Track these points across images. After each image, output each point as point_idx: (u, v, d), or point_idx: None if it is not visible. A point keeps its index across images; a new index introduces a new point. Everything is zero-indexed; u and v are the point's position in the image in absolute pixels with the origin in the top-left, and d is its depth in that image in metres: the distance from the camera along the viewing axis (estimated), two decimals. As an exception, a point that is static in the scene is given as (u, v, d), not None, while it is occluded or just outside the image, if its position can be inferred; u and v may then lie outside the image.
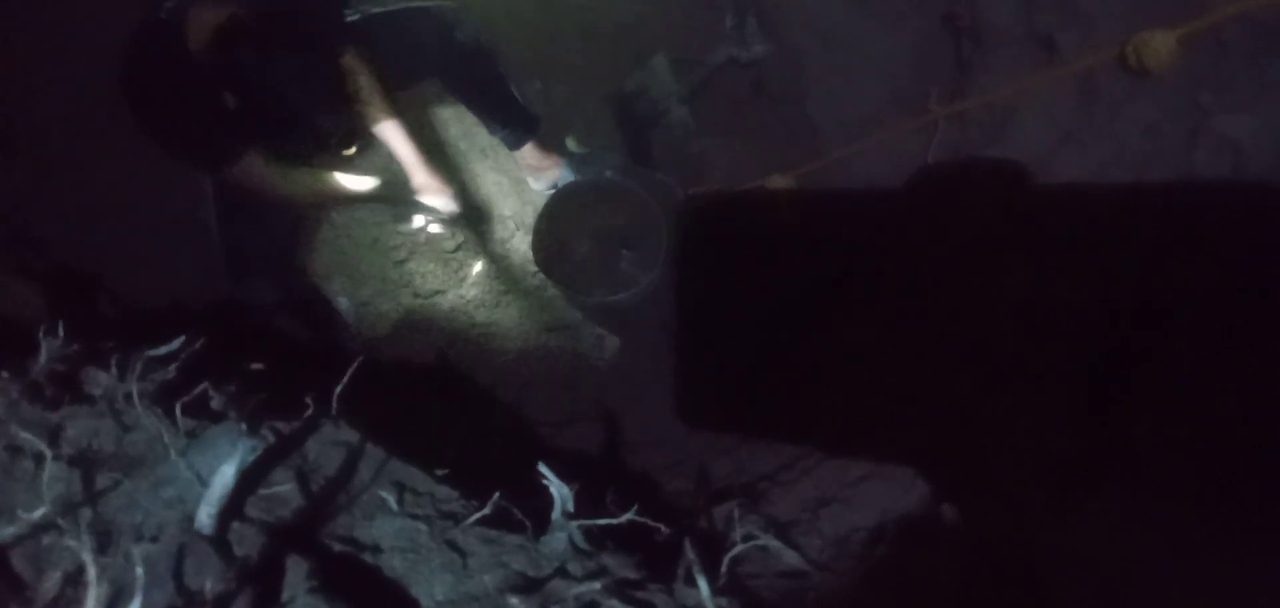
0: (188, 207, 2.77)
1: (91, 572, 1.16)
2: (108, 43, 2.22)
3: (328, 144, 2.74)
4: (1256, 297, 1.73)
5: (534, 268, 3.20)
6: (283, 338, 2.89)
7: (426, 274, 3.23)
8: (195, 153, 2.43)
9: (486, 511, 1.59)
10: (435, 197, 2.78)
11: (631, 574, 1.54)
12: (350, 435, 1.74)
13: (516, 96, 3.04)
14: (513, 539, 1.55)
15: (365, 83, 2.58)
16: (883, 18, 3.01)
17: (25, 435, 1.41)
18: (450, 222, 3.01)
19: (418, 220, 2.98)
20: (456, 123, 3.40)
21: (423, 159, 2.74)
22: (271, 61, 2.33)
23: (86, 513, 1.35)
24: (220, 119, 2.33)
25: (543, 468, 1.60)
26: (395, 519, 1.56)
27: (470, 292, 3.21)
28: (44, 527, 1.30)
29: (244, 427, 1.55)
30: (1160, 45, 1.88)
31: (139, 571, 1.16)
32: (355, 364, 1.80)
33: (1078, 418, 1.92)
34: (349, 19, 2.57)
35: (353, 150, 2.85)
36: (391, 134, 2.67)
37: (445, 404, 2.93)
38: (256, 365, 2.02)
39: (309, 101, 2.52)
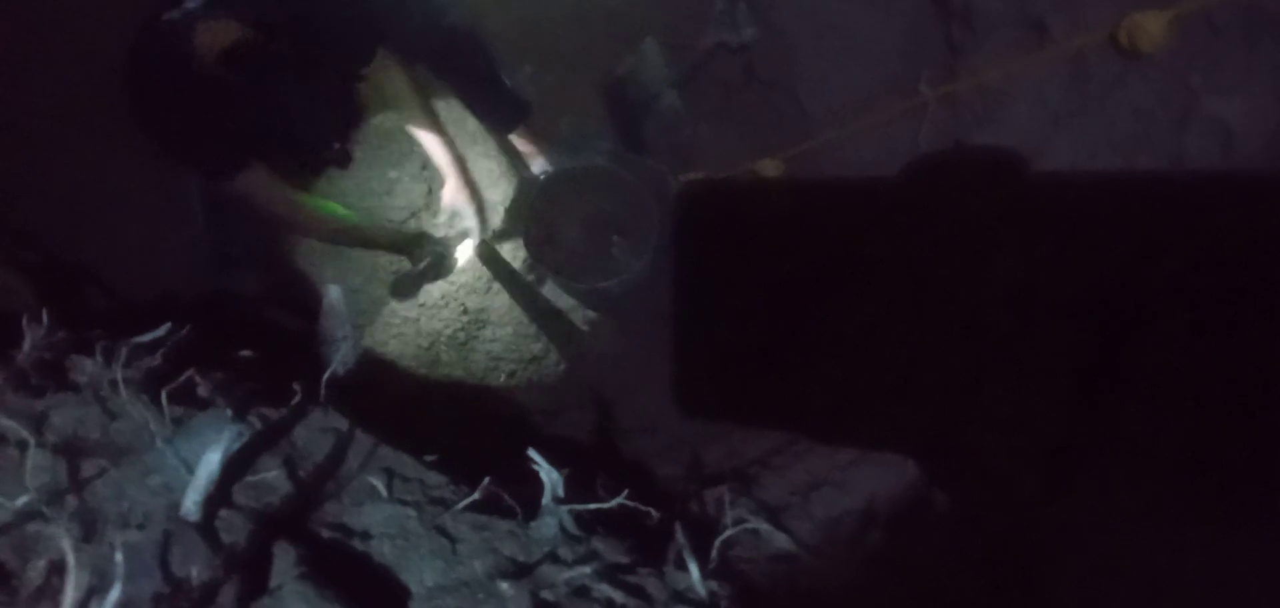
0: (174, 196, 2.75)
1: (71, 560, 1.15)
2: (97, 35, 2.20)
3: (323, 165, 2.70)
4: (1247, 281, 1.73)
5: (525, 254, 3.19)
6: (271, 325, 2.88)
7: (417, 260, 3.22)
8: (191, 160, 2.38)
9: (476, 496, 1.58)
10: (462, 211, 2.76)
11: (622, 559, 1.54)
12: (339, 422, 1.74)
13: (506, 83, 3.02)
14: (503, 525, 1.55)
15: (403, 94, 2.56)
16: (873, 1, 3.00)
17: (9, 423, 1.40)
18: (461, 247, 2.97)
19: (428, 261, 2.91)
20: (445, 107, 3.38)
21: (461, 169, 2.72)
22: (276, 87, 2.24)
23: (71, 501, 1.34)
24: (218, 133, 2.28)
25: (533, 453, 1.60)
26: (385, 506, 1.55)
27: (461, 278, 3.20)
28: (28, 515, 1.29)
29: (231, 414, 1.54)
30: (1153, 27, 1.87)
31: (119, 557, 1.15)
32: (344, 351, 1.79)
33: (1069, 402, 1.93)
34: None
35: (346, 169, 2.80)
36: (431, 145, 2.67)
37: (435, 391, 2.92)
38: (244, 353, 2.01)
39: (309, 127, 2.45)
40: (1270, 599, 1.44)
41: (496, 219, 2.96)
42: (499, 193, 3.35)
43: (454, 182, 2.72)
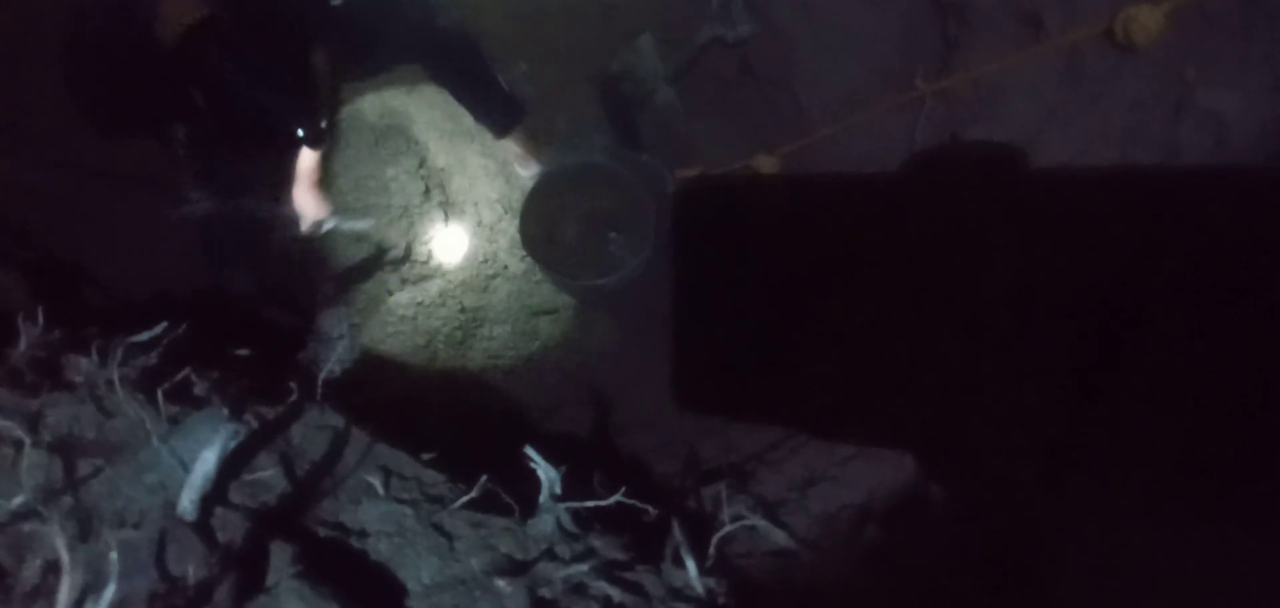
0: (169, 194, 2.74)
1: (65, 559, 1.14)
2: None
3: (298, 142, 2.68)
4: (1247, 281, 1.73)
5: (522, 252, 3.18)
6: (267, 324, 2.87)
7: (414, 259, 3.22)
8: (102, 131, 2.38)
9: (474, 494, 1.58)
10: (305, 207, 2.64)
11: (619, 556, 1.54)
12: (335, 420, 1.73)
13: (501, 84, 3.01)
14: (500, 522, 1.55)
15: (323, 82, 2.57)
16: (869, -4, 3.00)
17: (4, 422, 1.40)
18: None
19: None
20: (441, 104, 3.37)
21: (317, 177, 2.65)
22: (243, 63, 2.25)
23: (66, 500, 1.33)
24: (184, 113, 2.28)
25: (530, 450, 1.59)
26: (381, 503, 1.55)
27: (458, 276, 3.19)
28: (23, 514, 1.28)
29: (227, 412, 1.53)
30: (1148, 20, 1.87)
31: (114, 556, 1.14)
32: (341, 349, 1.79)
33: (1066, 397, 1.93)
34: (333, 2, 2.52)
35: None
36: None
37: (433, 388, 2.92)
38: (240, 351, 2.00)
39: (282, 102, 2.45)
40: (1270, 599, 1.44)
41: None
42: (495, 190, 3.35)
43: (305, 183, 2.62)
